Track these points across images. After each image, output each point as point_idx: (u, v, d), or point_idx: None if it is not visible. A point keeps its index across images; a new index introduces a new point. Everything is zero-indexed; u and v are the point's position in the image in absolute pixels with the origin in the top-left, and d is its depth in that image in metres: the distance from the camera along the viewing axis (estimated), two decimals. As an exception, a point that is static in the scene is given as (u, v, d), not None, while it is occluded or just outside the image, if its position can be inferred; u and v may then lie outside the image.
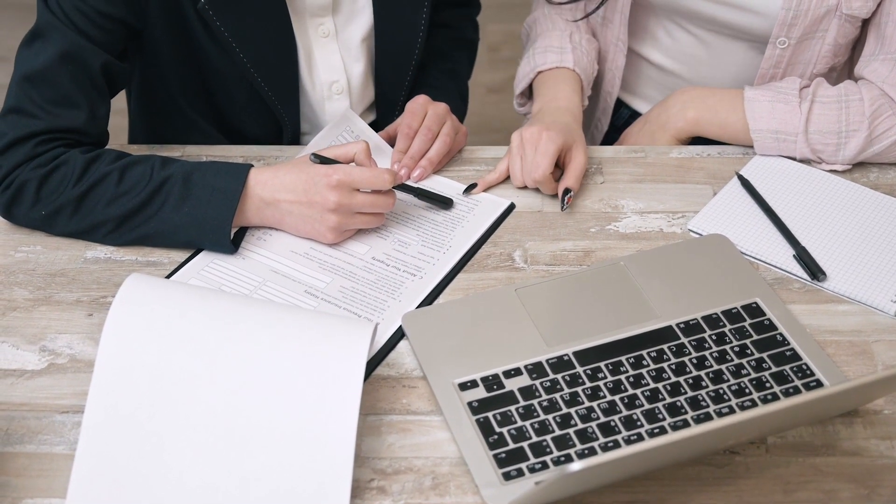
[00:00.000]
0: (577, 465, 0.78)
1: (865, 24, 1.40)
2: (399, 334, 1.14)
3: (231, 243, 1.21)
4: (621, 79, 1.56)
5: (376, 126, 1.48)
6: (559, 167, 1.32)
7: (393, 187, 1.22)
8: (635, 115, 1.60)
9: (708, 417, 1.04)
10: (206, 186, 1.20)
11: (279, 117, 1.41)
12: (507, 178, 1.35)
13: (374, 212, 1.23)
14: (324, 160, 1.21)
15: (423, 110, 1.35)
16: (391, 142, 1.39)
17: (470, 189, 1.33)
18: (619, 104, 1.62)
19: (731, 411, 1.05)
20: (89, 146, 1.26)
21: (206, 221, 1.20)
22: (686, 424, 1.03)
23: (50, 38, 1.22)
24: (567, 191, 1.29)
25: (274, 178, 1.22)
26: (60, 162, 1.21)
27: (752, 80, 1.46)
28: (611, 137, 1.62)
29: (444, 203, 1.29)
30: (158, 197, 1.20)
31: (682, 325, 1.12)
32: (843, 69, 1.48)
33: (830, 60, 1.40)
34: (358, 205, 1.21)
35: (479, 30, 1.66)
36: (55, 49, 1.22)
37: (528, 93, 1.52)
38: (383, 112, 1.50)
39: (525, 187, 1.33)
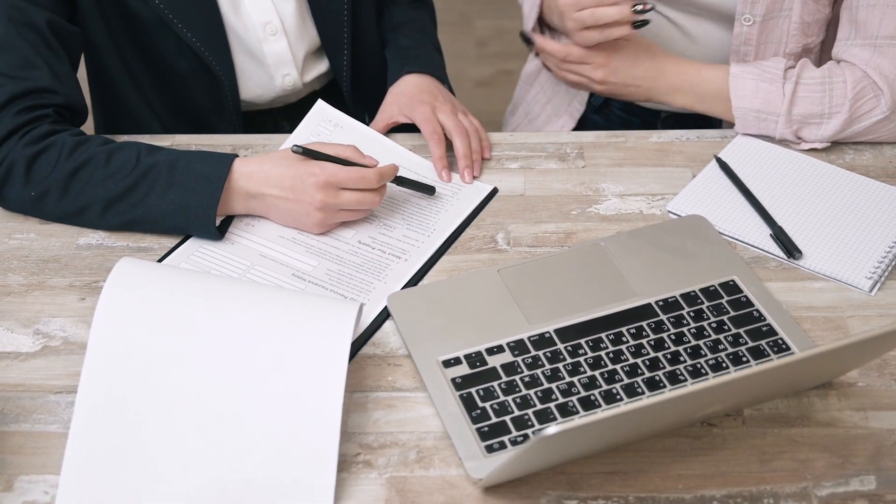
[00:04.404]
0: (552, 429, 0.80)
1: (836, 3, 1.42)
2: (384, 314, 1.16)
3: (217, 230, 1.23)
4: None
5: (329, 93, 1.50)
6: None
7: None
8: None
9: (685, 390, 1.06)
10: (192, 173, 1.22)
11: (210, 67, 1.41)
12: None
13: (360, 208, 1.25)
14: (306, 151, 1.22)
15: (432, 115, 1.37)
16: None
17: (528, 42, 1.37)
18: None
19: (708, 384, 1.07)
20: (68, 111, 1.29)
21: (191, 208, 1.21)
22: (664, 397, 1.06)
23: None
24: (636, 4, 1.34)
25: (259, 171, 1.23)
26: (49, 143, 1.23)
27: (726, 61, 1.48)
28: (587, 119, 1.64)
29: (427, 190, 1.31)
30: (144, 183, 1.22)
31: (660, 303, 1.15)
32: (822, 50, 1.49)
33: (801, 39, 1.42)
34: (344, 203, 1.22)
35: (469, 24, 1.64)
36: (2, 17, 1.26)
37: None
38: (332, 53, 1.50)
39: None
